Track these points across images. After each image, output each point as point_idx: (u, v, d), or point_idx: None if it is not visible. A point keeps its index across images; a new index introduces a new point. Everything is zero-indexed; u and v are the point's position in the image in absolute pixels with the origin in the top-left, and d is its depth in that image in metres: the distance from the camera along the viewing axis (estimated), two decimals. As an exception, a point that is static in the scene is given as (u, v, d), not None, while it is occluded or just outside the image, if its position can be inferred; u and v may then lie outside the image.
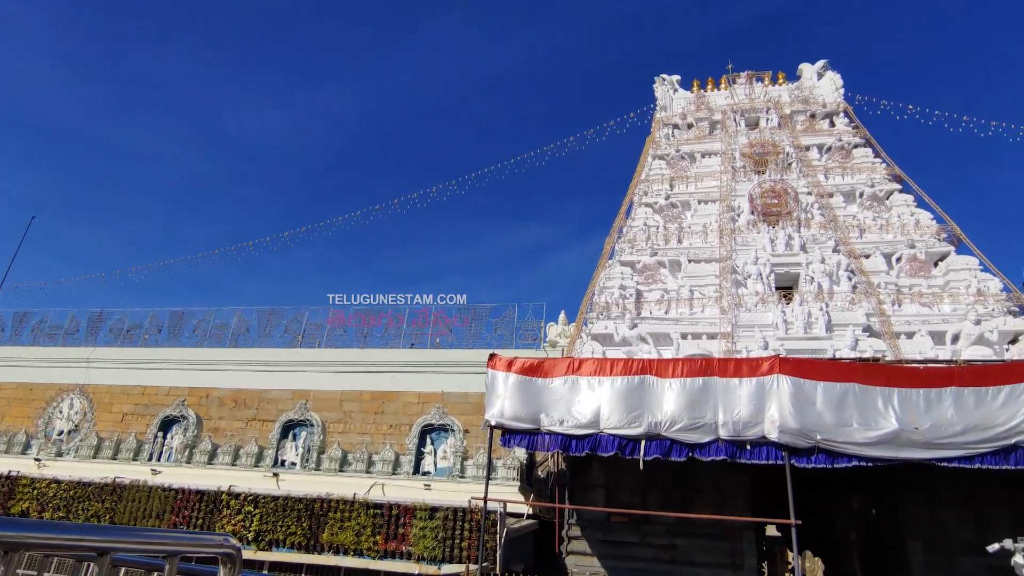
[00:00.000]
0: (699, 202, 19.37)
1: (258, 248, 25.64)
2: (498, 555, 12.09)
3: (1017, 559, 9.80)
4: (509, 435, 11.84)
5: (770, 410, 10.18)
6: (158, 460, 17.31)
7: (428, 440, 18.10)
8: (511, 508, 14.02)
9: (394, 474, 15.68)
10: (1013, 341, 14.09)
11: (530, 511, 15.07)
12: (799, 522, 9.90)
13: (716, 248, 17.53)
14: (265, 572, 13.36)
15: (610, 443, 11.12)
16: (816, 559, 9.77)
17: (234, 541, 1.86)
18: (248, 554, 13.56)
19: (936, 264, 16.15)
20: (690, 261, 17.72)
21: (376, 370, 22.01)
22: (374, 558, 12.98)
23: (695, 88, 23.51)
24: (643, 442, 10.92)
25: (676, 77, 24.02)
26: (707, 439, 10.57)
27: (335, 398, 21.87)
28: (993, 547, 10.17)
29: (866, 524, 16.20)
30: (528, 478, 17.15)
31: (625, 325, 16.39)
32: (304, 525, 13.56)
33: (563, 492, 16.14)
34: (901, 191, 17.99)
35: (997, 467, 9.80)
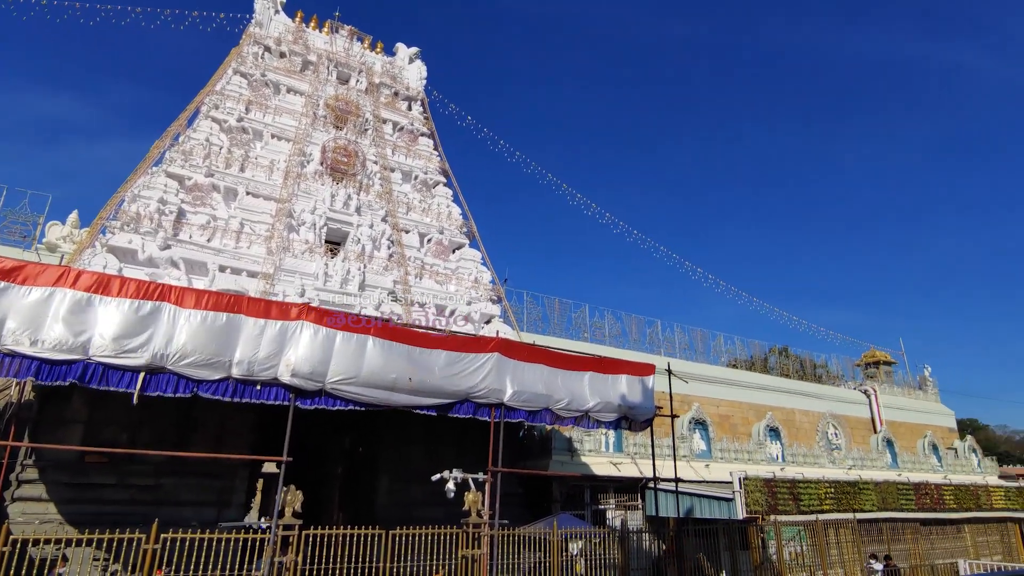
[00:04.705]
0: (272, 136, 18.60)
1: None
2: None
3: (449, 485, 12.77)
4: (-56, 352, 8.93)
5: (287, 353, 10.52)
6: None
7: None
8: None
9: None
10: (488, 322, 18.23)
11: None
12: (291, 459, 10.53)
13: (278, 188, 17.13)
14: None
15: (100, 373, 9.59)
16: (298, 492, 10.61)
17: None
18: None
19: (454, 251, 19.58)
20: (248, 193, 16.84)
21: None
22: None
23: (298, 19, 22.43)
24: (143, 374, 9.81)
25: (281, -2, 22.44)
26: (218, 376, 10.20)
27: None
28: (436, 476, 12.99)
29: (352, 460, 18.49)
30: (-30, 408, 13.35)
31: (156, 244, 14.45)
32: None
33: (23, 427, 13.18)
34: (445, 184, 21.12)
35: (448, 415, 12.44)
